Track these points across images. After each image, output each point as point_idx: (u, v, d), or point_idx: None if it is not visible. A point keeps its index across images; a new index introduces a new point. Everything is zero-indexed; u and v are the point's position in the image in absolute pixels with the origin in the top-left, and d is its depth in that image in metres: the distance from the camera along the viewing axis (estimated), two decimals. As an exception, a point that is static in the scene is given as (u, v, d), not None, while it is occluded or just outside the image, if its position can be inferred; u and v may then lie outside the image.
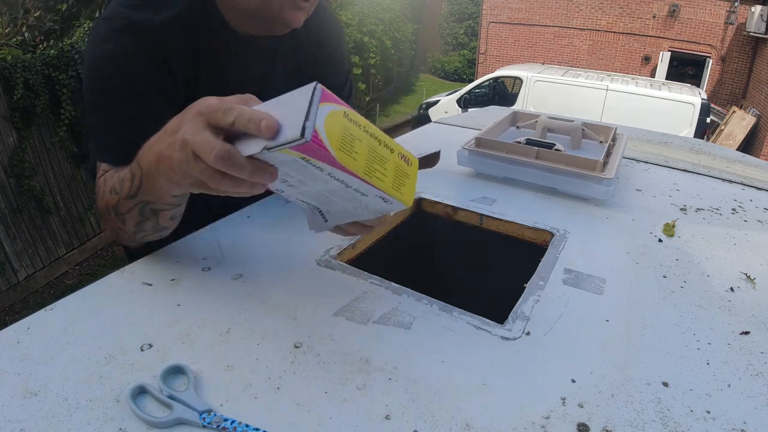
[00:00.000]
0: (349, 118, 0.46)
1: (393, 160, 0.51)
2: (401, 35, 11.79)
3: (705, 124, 6.55)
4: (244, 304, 0.62)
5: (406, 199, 0.52)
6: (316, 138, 0.42)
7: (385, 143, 0.50)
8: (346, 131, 0.45)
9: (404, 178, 0.52)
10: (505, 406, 0.49)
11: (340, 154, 0.45)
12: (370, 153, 0.48)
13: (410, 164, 0.53)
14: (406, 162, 0.53)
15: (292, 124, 0.43)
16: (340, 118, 0.45)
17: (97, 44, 0.72)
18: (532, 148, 1.01)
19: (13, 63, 3.82)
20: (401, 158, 0.52)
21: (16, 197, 4.06)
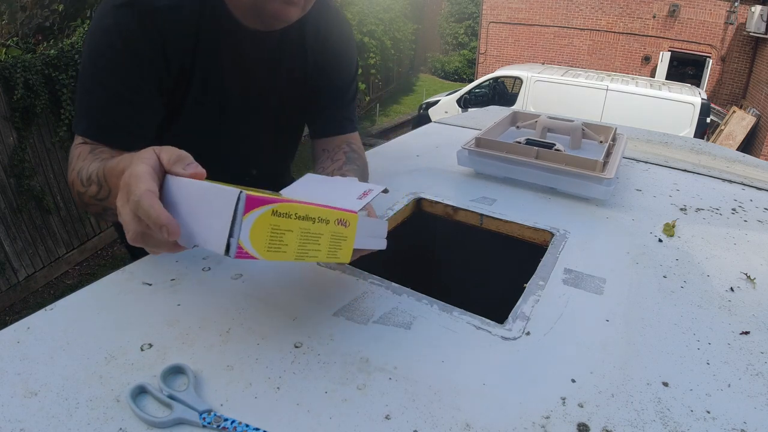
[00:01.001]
0: (279, 213, 0.45)
1: (329, 231, 0.51)
2: (401, 35, 11.79)
3: (705, 124, 6.55)
4: (244, 304, 0.62)
5: (342, 259, 0.55)
6: (240, 251, 0.43)
7: (321, 218, 0.50)
8: (274, 230, 0.45)
9: (341, 241, 0.54)
10: (505, 406, 0.49)
11: (269, 254, 0.45)
12: (302, 237, 0.48)
13: (348, 226, 0.54)
14: (344, 225, 0.54)
15: (216, 237, 0.43)
16: (267, 219, 0.44)
17: (97, 18, 0.73)
18: (532, 148, 1.01)
19: (13, 63, 3.82)
20: (338, 224, 0.53)
21: (16, 197, 4.06)
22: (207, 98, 0.81)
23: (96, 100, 0.74)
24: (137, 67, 0.73)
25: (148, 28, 0.71)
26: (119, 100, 0.74)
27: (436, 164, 1.14)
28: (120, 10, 0.71)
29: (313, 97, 0.91)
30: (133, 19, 0.71)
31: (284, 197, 0.47)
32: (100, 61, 0.72)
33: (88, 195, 0.64)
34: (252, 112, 0.87)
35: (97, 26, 0.73)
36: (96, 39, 0.73)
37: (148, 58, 0.73)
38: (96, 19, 0.73)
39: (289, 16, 0.74)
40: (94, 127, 0.74)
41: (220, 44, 0.78)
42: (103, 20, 0.72)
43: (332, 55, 0.91)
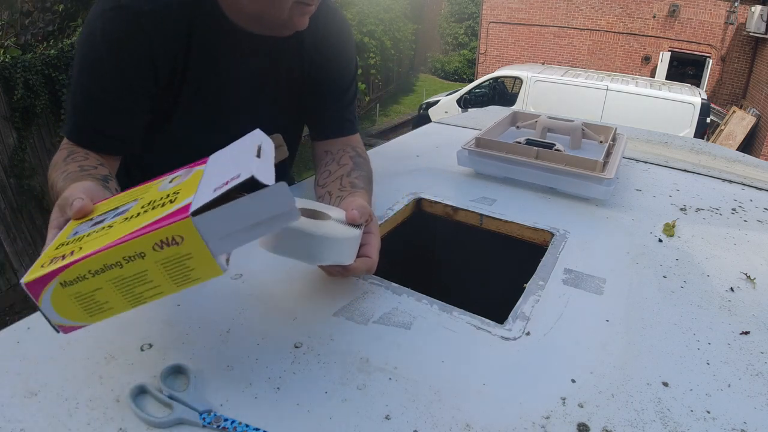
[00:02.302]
0: (68, 282, 0.41)
1: (153, 261, 0.41)
2: (401, 35, 11.78)
3: (705, 124, 6.55)
4: (244, 304, 0.62)
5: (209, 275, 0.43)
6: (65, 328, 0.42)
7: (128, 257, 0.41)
8: (78, 297, 0.42)
9: (185, 261, 0.42)
10: (505, 406, 0.49)
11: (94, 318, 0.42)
12: (119, 286, 0.42)
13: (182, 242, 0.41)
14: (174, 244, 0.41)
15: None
16: (62, 292, 0.41)
17: (87, 21, 0.74)
18: (532, 148, 1.01)
19: (13, 63, 3.82)
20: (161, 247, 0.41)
21: (16, 197, 4.06)
22: (201, 100, 0.81)
23: (78, 104, 0.75)
24: (121, 71, 0.74)
25: (135, 32, 0.72)
26: (100, 105, 0.75)
27: (436, 164, 1.14)
28: (107, 14, 0.71)
29: (312, 98, 0.91)
30: (120, 23, 0.71)
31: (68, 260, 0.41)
32: (85, 65, 0.73)
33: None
34: (250, 113, 0.87)
35: (86, 29, 0.74)
36: (83, 42, 0.74)
37: (133, 62, 0.74)
38: (86, 22, 0.74)
39: (305, 24, 0.75)
40: (75, 131, 0.76)
41: (216, 46, 0.78)
42: (92, 23, 0.73)
43: (331, 54, 0.90)
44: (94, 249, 0.41)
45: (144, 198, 0.48)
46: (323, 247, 0.55)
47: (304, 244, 0.54)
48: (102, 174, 0.69)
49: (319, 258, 0.55)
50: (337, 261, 0.57)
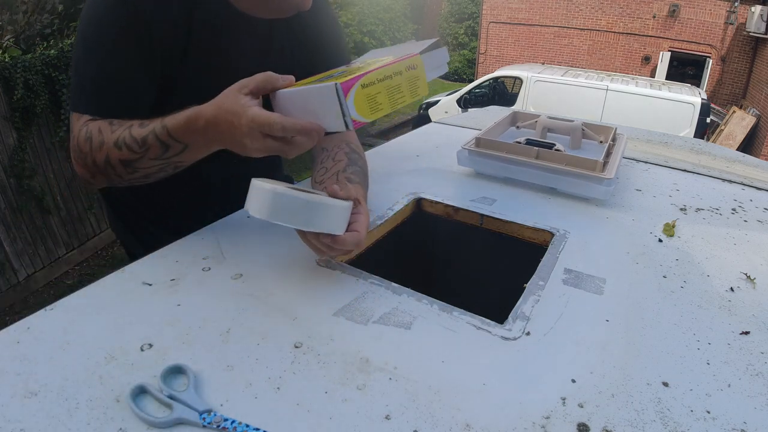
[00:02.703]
0: (365, 84, 0.59)
1: (405, 78, 0.64)
2: (401, 35, 11.78)
3: (705, 124, 6.55)
4: (244, 304, 0.62)
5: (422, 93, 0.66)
6: (355, 123, 0.59)
7: (395, 73, 0.63)
8: (368, 97, 0.60)
9: (416, 81, 0.65)
10: (505, 406, 0.49)
11: (373, 115, 0.61)
12: (389, 93, 0.62)
13: (417, 68, 0.65)
14: (413, 69, 0.65)
15: (335, 121, 0.59)
16: (360, 92, 0.59)
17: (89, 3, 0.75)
18: (532, 148, 1.01)
19: (13, 63, 3.82)
20: (408, 70, 0.64)
21: (16, 197, 4.06)
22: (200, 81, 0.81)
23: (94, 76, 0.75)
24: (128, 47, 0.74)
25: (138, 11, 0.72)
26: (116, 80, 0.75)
27: (436, 164, 1.14)
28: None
29: None
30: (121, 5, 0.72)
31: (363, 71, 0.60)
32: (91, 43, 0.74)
33: (148, 158, 0.69)
34: None
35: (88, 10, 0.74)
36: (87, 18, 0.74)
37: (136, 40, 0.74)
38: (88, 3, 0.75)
39: (308, 4, 0.78)
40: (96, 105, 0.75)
41: (216, 27, 0.79)
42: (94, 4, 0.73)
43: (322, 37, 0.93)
44: (379, 66, 0.61)
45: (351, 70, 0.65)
46: (317, 212, 0.61)
47: (299, 210, 0.61)
48: None
49: (313, 224, 0.62)
50: (329, 229, 0.62)
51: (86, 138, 0.73)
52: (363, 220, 0.68)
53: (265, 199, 0.61)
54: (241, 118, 0.60)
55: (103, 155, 0.71)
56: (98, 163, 0.73)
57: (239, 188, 0.70)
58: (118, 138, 0.70)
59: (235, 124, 0.61)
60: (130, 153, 0.69)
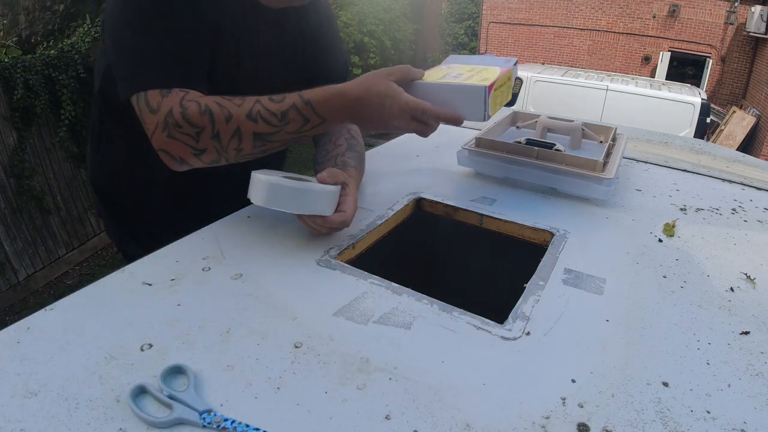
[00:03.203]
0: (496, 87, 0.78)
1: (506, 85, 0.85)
2: (401, 35, 11.78)
3: (705, 124, 6.54)
4: (244, 304, 0.62)
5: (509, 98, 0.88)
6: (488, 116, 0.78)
7: (505, 79, 0.83)
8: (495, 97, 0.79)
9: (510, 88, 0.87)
10: (505, 406, 0.49)
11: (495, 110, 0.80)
12: (501, 95, 0.82)
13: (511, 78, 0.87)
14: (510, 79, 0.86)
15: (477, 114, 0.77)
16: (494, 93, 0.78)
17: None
18: (532, 148, 1.01)
19: (13, 63, 3.82)
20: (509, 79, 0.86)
21: (16, 197, 4.06)
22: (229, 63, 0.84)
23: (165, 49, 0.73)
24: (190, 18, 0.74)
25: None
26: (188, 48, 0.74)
27: (436, 164, 1.14)
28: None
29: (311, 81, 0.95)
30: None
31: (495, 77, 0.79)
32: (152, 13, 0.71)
33: (285, 131, 0.73)
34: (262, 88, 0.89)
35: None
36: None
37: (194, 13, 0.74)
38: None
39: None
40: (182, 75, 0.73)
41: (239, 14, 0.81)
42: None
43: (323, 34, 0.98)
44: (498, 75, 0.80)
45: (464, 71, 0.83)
46: (307, 197, 0.70)
47: (292, 196, 0.70)
48: None
49: (305, 207, 0.71)
50: (319, 211, 0.71)
51: (202, 112, 0.70)
52: (350, 201, 0.75)
53: (262, 188, 0.70)
54: (394, 101, 0.71)
55: (231, 128, 0.71)
56: (222, 137, 0.72)
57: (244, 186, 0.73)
58: (251, 111, 0.71)
59: (385, 106, 0.72)
60: (268, 126, 0.72)
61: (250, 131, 0.72)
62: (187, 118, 0.70)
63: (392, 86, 0.71)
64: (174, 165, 0.75)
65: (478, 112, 0.77)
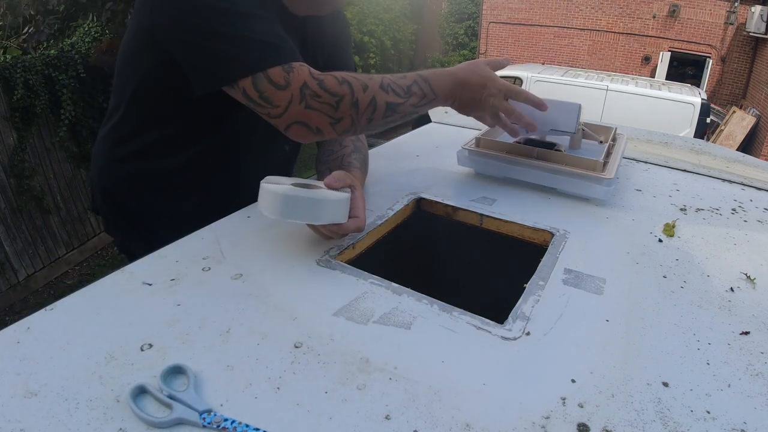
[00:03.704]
0: None
1: None
2: (401, 35, 11.78)
3: (705, 124, 6.54)
4: (244, 304, 0.62)
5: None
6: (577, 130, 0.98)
7: None
8: None
9: None
10: (505, 406, 0.49)
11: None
12: None
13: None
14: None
15: (569, 124, 0.97)
16: None
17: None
18: (532, 148, 1.01)
19: (13, 63, 3.82)
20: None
21: (16, 197, 4.06)
22: None
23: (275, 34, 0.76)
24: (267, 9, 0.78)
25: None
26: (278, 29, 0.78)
27: (436, 164, 1.14)
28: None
29: None
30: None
31: None
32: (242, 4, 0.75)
33: (409, 103, 0.81)
34: None
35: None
36: None
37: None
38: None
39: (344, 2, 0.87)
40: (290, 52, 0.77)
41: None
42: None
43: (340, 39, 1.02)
44: None
45: None
46: (323, 208, 0.69)
47: (308, 208, 0.69)
48: None
49: (320, 217, 0.70)
50: (334, 219, 0.71)
51: (341, 82, 0.76)
52: (361, 204, 0.76)
53: (276, 200, 0.68)
54: (494, 82, 0.87)
55: (369, 96, 0.77)
56: (360, 105, 0.77)
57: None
58: (383, 83, 0.79)
59: (487, 86, 0.86)
60: (397, 97, 0.79)
61: (383, 100, 0.78)
62: (326, 88, 0.75)
63: (490, 71, 0.87)
64: (309, 136, 0.79)
65: (570, 124, 0.95)
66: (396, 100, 0.79)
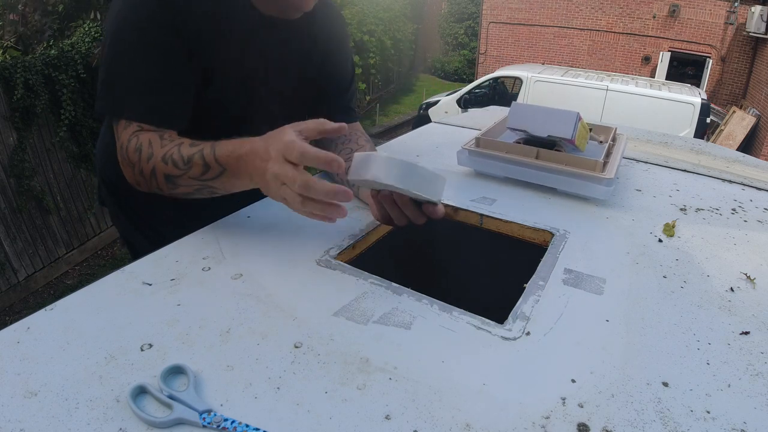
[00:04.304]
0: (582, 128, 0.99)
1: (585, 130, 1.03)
2: (401, 35, 11.79)
3: (705, 124, 6.54)
4: (244, 304, 0.62)
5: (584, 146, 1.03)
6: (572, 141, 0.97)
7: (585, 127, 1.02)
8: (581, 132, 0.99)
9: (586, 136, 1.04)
10: (505, 406, 0.49)
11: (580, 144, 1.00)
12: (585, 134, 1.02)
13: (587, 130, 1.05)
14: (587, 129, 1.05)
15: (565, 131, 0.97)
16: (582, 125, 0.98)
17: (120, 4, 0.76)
18: (532, 148, 1.01)
19: (13, 63, 3.82)
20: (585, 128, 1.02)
21: (16, 197, 4.06)
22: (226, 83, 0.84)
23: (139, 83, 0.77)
24: (169, 46, 0.76)
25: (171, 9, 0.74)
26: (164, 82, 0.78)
27: (436, 164, 1.14)
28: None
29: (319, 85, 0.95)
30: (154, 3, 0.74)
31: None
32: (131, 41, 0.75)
33: (188, 176, 0.72)
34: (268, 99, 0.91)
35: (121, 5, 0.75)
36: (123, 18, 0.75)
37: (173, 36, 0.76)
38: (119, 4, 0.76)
39: (309, 4, 0.80)
40: (146, 111, 0.78)
41: (239, 29, 0.82)
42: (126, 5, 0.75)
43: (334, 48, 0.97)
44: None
45: None
46: (438, 182, 0.71)
47: (429, 179, 0.69)
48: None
49: (435, 192, 0.71)
50: (439, 197, 0.71)
51: (136, 149, 0.76)
52: None
53: (398, 166, 0.66)
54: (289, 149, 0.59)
55: (150, 167, 0.75)
56: (144, 174, 0.76)
57: None
58: (166, 153, 0.73)
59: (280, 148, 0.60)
60: (175, 169, 0.73)
61: (162, 172, 0.74)
62: (128, 152, 0.77)
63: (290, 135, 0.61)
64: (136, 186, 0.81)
65: (567, 130, 0.96)
66: (173, 171, 0.73)
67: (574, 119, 0.96)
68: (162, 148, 0.75)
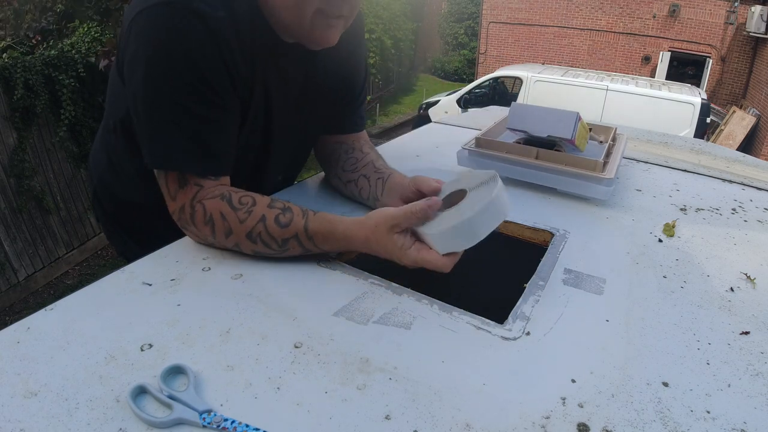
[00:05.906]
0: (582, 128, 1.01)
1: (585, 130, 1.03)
2: (401, 34, 11.78)
3: (705, 124, 6.54)
4: (244, 304, 0.62)
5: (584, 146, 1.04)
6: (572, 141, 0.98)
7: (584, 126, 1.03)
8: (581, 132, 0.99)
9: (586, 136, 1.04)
10: (505, 406, 0.49)
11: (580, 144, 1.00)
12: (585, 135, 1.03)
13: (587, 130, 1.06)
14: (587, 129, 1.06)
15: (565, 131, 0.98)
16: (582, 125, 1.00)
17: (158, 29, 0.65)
18: (532, 148, 1.01)
19: (13, 63, 3.82)
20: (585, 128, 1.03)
21: (16, 197, 4.06)
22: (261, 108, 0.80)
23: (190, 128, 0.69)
24: (221, 84, 0.69)
25: (218, 40, 0.66)
26: (218, 128, 0.71)
27: (436, 164, 1.14)
28: (183, 21, 0.64)
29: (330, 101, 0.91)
30: (204, 30, 0.65)
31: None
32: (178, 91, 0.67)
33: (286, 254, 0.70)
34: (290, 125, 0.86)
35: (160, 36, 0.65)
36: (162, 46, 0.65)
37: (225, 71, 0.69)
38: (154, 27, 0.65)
39: (333, 39, 0.73)
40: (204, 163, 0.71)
41: (268, 59, 0.76)
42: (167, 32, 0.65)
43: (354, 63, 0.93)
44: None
45: None
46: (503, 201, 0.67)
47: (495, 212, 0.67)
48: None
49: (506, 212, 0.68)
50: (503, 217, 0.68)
51: (206, 221, 0.70)
52: None
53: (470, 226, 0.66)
54: (402, 260, 0.66)
55: (232, 243, 0.70)
56: (223, 246, 0.72)
57: None
58: (252, 231, 0.68)
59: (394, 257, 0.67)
60: (268, 249, 0.70)
61: (251, 249, 0.70)
62: (194, 221, 0.71)
63: (397, 242, 0.66)
64: None
65: (567, 131, 0.97)
66: (267, 251, 0.70)
67: (574, 119, 0.97)
68: (241, 224, 0.68)
